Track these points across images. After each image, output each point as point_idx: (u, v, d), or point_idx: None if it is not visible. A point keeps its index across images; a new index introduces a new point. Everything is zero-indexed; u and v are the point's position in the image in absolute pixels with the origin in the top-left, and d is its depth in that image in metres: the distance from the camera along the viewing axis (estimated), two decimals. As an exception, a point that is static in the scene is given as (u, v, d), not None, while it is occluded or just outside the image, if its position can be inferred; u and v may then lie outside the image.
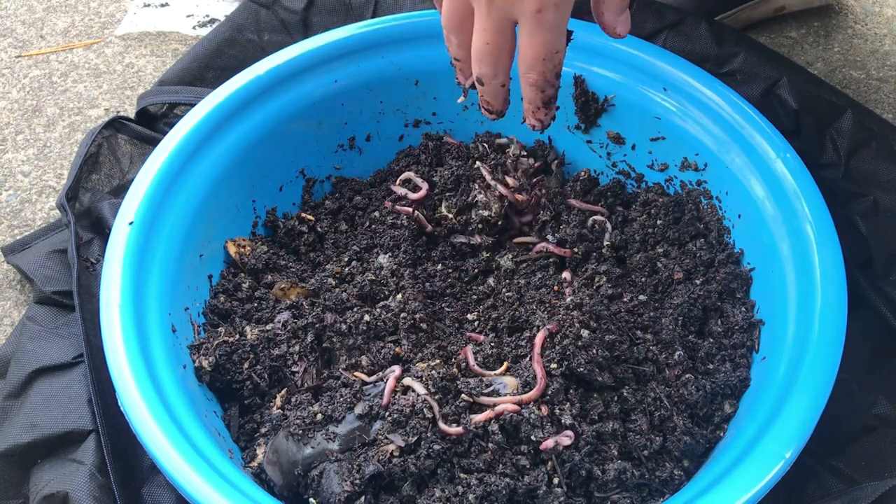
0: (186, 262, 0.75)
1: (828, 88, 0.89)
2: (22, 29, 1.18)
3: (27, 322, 0.80)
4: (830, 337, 0.65)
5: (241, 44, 1.03)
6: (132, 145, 0.95)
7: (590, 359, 0.66)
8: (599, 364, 0.66)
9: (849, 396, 0.73)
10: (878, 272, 0.80)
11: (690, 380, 0.68)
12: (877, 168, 0.83)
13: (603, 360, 0.67)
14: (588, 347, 0.67)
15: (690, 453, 0.66)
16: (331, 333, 0.73)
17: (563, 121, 0.86)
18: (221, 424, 0.70)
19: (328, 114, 0.86)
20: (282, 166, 0.85)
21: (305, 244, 0.83)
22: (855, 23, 1.13)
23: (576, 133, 0.87)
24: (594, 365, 0.66)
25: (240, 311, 0.75)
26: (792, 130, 0.84)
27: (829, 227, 0.70)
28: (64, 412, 0.72)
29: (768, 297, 0.73)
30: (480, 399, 0.65)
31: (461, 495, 0.61)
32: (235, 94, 0.80)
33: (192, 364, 0.71)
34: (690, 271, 0.76)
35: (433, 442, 0.63)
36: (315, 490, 0.63)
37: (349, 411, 0.66)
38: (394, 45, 0.85)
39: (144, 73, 1.11)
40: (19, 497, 0.73)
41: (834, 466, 0.71)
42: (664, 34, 0.92)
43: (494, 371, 0.69)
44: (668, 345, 0.70)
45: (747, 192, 0.75)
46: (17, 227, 0.95)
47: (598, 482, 0.63)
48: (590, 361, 0.66)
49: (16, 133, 1.05)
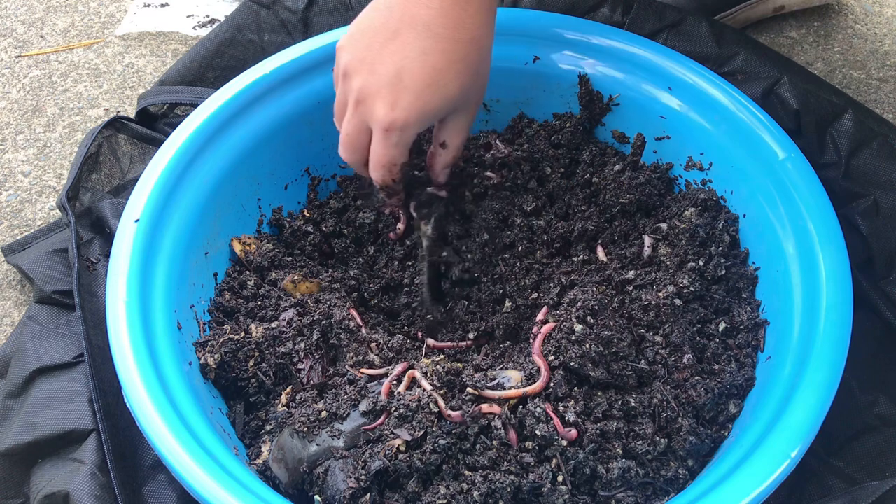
0: (192, 260, 0.74)
1: (828, 88, 0.89)
2: (22, 29, 1.17)
3: (28, 322, 0.80)
4: (836, 336, 0.65)
5: (241, 44, 1.02)
6: (132, 145, 0.94)
7: (582, 353, 0.66)
8: (592, 359, 0.66)
9: (849, 396, 0.73)
10: (879, 272, 0.80)
11: (699, 382, 0.68)
12: (877, 168, 0.83)
13: (597, 354, 0.66)
14: (581, 342, 0.67)
15: (695, 453, 0.66)
16: (338, 330, 0.73)
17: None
18: (227, 422, 0.70)
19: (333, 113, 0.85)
20: (287, 165, 0.85)
21: (311, 244, 0.83)
22: (855, 23, 1.13)
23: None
24: (587, 360, 0.66)
25: (244, 308, 0.75)
26: (792, 130, 0.85)
27: (835, 226, 0.70)
28: (64, 411, 0.72)
29: (774, 296, 0.73)
30: (486, 392, 0.65)
31: (466, 492, 0.61)
32: (241, 93, 0.80)
33: (197, 361, 0.71)
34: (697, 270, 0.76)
35: (439, 437, 0.63)
36: (320, 487, 0.63)
37: (354, 408, 0.66)
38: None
39: (144, 73, 1.11)
40: (20, 496, 0.73)
41: (834, 466, 0.71)
42: (665, 34, 0.92)
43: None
44: (678, 347, 0.70)
45: (752, 191, 0.76)
46: (17, 227, 0.95)
47: (602, 480, 0.63)
48: (581, 356, 0.66)
49: (16, 133, 1.05)
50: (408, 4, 0.65)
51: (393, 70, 0.64)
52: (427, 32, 0.64)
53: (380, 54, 0.65)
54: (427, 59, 0.64)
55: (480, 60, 0.67)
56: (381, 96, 0.65)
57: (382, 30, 0.66)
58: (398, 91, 0.64)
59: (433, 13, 0.64)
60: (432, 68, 0.64)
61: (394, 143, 0.67)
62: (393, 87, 0.65)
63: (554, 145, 0.84)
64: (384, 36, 0.65)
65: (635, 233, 0.80)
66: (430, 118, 0.67)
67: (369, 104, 0.66)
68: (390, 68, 0.64)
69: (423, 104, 0.65)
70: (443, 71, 0.65)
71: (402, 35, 0.65)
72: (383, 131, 0.66)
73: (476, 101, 0.70)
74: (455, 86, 0.65)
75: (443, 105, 0.66)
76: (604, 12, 0.95)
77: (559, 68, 0.84)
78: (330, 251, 0.83)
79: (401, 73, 0.64)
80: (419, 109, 0.65)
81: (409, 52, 0.64)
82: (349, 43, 0.68)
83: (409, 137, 0.67)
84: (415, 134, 0.67)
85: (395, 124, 0.65)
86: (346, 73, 0.67)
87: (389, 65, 0.65)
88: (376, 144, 0.67)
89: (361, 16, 0.68)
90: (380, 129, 0.66)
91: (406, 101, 0.64)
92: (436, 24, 0.64)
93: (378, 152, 0.68)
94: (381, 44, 0.65)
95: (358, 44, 0.67)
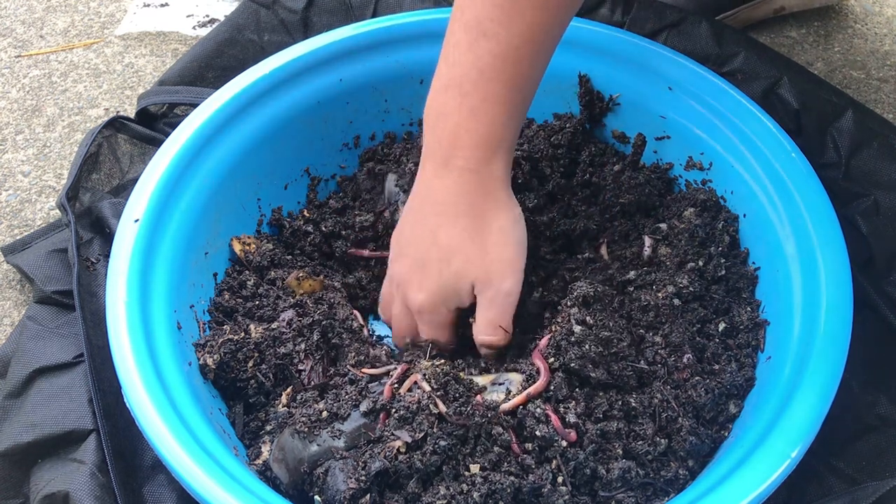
0: (192, 260, 0.74)
1: (828, 88, 0.89)
2: (22, 29, 1.17)
3: (27, 322, 0.80)
4: (836, 336, 0.65)
5: (241, 44, 1.02)
6: (132, 145, 0.94)
7: (581, 354, 0.66)
8: (592, 360, 0.66)
9: (849, 396, 0.73)
10: (879, 272, 0.80)
11: (699, 382, 0.68)
12: (877, 168, 0.83)
13: (596, 355, 0.66)
14: (580, 343, 0.67)
15: (695, 453, 0.66)
16: (340, 330, 0.73)
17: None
18: (226, 422, 0.70)
19: (333, 113, 0.86)
20: (287, 165, 0.85)
21: (311, 244, 0.83)
22: (855, 23, 1.13)
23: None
24: (586, 360, 0.66)
25: (243, 308, 0.75)
26: (793, 130, 0.85)
27: (835, 226, 0.70)
28: (64, 412, 0.72)
29: (774, 296, 0.72)
30: (488, 396, 0.65)
31: (466, 493, 0.61)
32: (241, 93, 0.80)
33: (197, 361, 0.70)
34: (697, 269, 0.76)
35: (439, 438, 0.63)
36: (321, 488, 0.63)
37: (355, 409, 0.66)
38: (399, 44, 0.85)
39: (144, 73, 1.11)
40: (20, 497, 0.72)
41: (835, 466, 0.71)
42: (665, 34, 0.92)
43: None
44: (678, 347, 0.70)
45: (752, 191, 0.76)
46: (17, 227, 0.95)
47: (602, 481, 0.63)
48: (581, 357, 0.66)
49: (16, 133, 1.05)
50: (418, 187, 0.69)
51: (416, 256, 0.69)
52: (434, 211, 0.68)
53: (408, 240, 0.70)
54: (437, 238, 0.67)
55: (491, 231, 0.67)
56: (409, 281, 0.70)
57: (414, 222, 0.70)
58: (420, 274, 0.69)
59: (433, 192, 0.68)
60: (439, 246, 0.67)
61: (429, 323, 0.70)
62: (416, 271, 0.69)
63: (554, 145, 0.84)
64: (407, 223, 0.71)
65: (635, 233, 0.80)
66: (453, 295, 0.69)
67: (404, 288, 0.71)
68: (416, 254, 0.69)
69: (436, 283, 0.68)
70: (448, 246, 0.67)
71: (426, 221, 0.69)
72: (417, 313, 0.70)
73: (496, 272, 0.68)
74: (461, 259, 0.67)
75: (458, 280, 0.68)
76: (603, 12, 0.95)
77: (559, 68, 0.84)
78: (330, 251, 0.83)
79: (423, 256, 0.69)
80: (434, 290, 0.68)
81: (423, 234, 0.68)
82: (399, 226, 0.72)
83: (442, 318, 0.70)
84: (447, 312, 0.70)
85: (424, 305, 0.69)
86: (391, 257, 0.73)
87: (415, 249, 0.69)
88: (421, 325, 0.71)
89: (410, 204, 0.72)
90: (415, 311, 0.70)
91: (426, 282, 0.69)
92: (438, 201, 0.67)
93: (423, 332, 0.71)
94: (410, 228, 0.70)
95: (403, 228, 0.72)
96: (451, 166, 0.66)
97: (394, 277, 0.72)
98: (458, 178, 0.66)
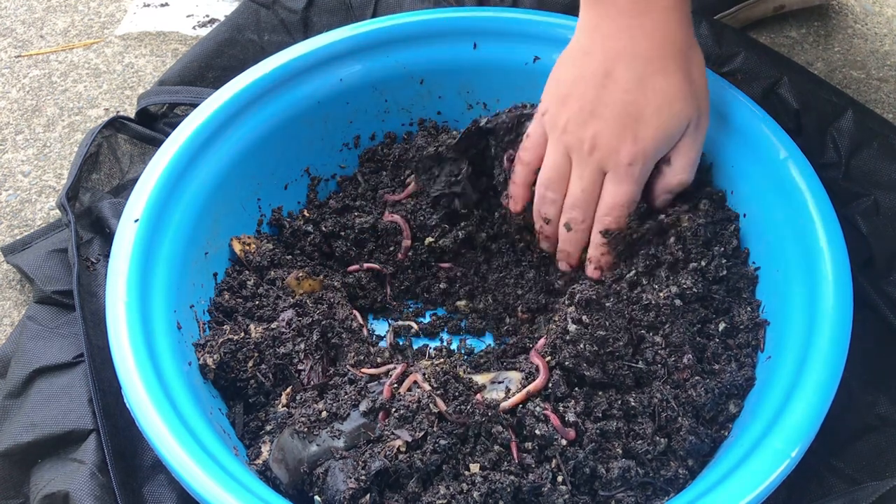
0: (192, 260, 0.74)
1: (828, 88, 0.89)
2: (22, 29, 1.17)
3: (27, 322, 0.80)
4: (836, 336, 0.65)
5: (241, 44, 1.02)
6: (132, 145, 0.94)
7: (576, 353, 0.66)
8: (587, 359, 0.66)
9: (850, 396, 0.73)
10: (879, 272, 0.80)
11: (699, 381, 0.68)
12: (877, 168, 0.83)
13: (591, 354, 0.66)
14: (575, 342, 0.67)
15: (695, 453, 0.66)
16: (340, 329, 0.73)
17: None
18: (226, 422, 0.70)
19: (333, 112, 0.86)
20: (287, 165, 0.85)
21: (311, 244, 0.83)
22: (855, 23, 1.13)
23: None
24: (581, 359, 0.66)
25: (243, 308, 0.75)
26: (793, 130, 0.84)
27: (835, 226, 0.70)
28: (64, 412, 0.72)
29: (774, 296, 0.72)
30: (487, 395, 0.65)
31: (466, 493, 0.61)
32: (241, 93, 0.80)
33: (197, 361, 0.70)
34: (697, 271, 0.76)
35: (439, 437, 0.63)
36: (320, 488, 0.63)
37: (354, 408, 0.66)
38: (399, 44, 0.85)
39: (144, 73, 1.11)
40: (20, 497, 0.72)
41: (835, 466, 0.71)
42: (665, 34, 0.92)
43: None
44: (678, 347, 0.70)
45: (752, 191, 0.75)
46: (17, 227, 0.95)
47: (602, 480, 0.63)
48: (576, 356, 0.66)
49: (16, 133, 1.05)
50: (606, 42, 0.66)
51: (620, 108, 0.66)
52: (636, 60, 0.65)
53: (600, 98, 0.66)
54: (647, 85, 0.65)
55: (693, 66, 0.67)
56: (619, 136, 0.66)
57: (591, 76, 0.67)
58: (633, 126, 0.66)
59: (636, 39, 0.65)
60: (654, 92, 0.65)
61: (636, 178, 0.68)
62: (626, 124, 0.66)
63: None
64: (596, 80, 0.67)
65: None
66: (670, 141, 0.68)
67: (606, 148, 0.67)
68: (617, 108, 0.66)
69: (658, 130, 0.66)
70: (665, 91, 0.66)
71: (614, 73, 0.66)
72: (626, 167, 0.67)
73: (704, 108, 0.69)
74: (681, 100, 0.66)
75: (679, 123, 0.67)
76: (604, 12, 0.95)
77: (551, 67, 0.84)
78: (330, 251, 0.84)
79: (628, 109, 0.66)
80: (657, 137, 0.67)
81: (628, 85, 0.65)
82: (558, 100, 0.69)
83: (648, 170, 0.69)
84: (651, 167, 0.69)
85: (638, 156, 0.67)
86: (568, 128, 0.69)
87: (614, 106, 0.66)
88: (616, 186, 0.69)
89: (558, 70, 0.70)
90: (623, 166, 0.67)
91: (644, 132, 0.66)
92: (641, 48, 0.65)
93: (619, 193, 0.69)
94: (597, 88, 0.67)
95: (571, 97, 0.68)
96: (653, 5, 0.64)
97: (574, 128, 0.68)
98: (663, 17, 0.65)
